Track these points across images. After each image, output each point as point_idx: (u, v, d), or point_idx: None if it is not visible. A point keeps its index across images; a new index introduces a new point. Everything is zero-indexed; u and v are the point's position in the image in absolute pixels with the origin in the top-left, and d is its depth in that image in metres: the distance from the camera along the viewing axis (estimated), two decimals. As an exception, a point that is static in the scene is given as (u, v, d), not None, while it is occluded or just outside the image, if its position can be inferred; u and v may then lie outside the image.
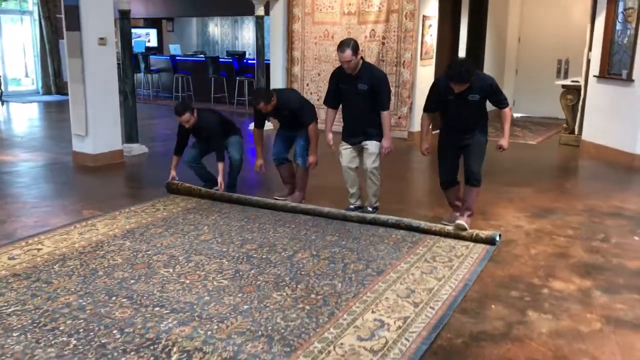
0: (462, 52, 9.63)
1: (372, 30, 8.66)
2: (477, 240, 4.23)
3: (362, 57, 4.70)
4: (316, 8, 9.21)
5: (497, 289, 3.55)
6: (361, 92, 4.66)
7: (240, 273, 3.68)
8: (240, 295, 3.37)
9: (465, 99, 4.32)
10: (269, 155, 5.52)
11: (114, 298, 3.32)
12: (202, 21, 15.80)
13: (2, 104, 12.61)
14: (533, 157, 7.72)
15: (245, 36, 15.04)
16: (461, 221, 4.40)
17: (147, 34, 15.38)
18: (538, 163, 7.37)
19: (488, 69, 10.69)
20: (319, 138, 5.08)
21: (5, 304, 3.22)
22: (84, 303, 3.25)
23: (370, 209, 4.93)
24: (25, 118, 11.20)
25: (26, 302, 3.26)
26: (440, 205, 5.22)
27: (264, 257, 3.96)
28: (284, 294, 3.39)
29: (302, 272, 3.70)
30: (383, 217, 4.66)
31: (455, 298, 3.37)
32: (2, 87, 13.09)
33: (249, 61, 11.99)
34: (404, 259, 3.94)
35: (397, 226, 4.53)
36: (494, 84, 4.43)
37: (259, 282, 3.54)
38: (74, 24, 6.55)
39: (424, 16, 8.36)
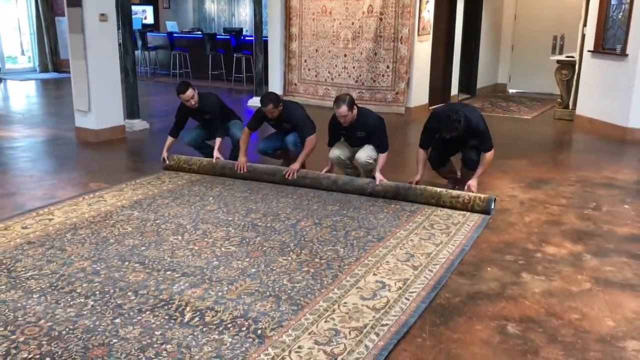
0: (459, 28, 9.71)
1: (370, 5, 8.72)
2: (472, 210, 4.37)
3: (356, 106, 4.86)
4: (314, -16, 9.24)
5: (492, 253, 3.71)
6: (360, 138, 4.94)
7: (247, 240, 3.83)
8: (247, 260, 3.52)
9: (462, 142, 4.68)
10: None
11: (126, 263, 3.47)
12: (199, -2, 15.76)
13: (0, 82, 12.64)
14: (528, 131, 7.87)
15: (242, 13, 15.03)
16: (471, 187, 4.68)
17: (144, 10, 15.33)
18: (533, 137, 7.52)
19: (484, 45, 10.80)
20: (311, 153, 5.15)
21: (23, 269, 3.37)
22: (98, 268, 3.40)
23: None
24: (24, 95, 11.25)
25: (42, 267, 3.41)
26: (431, 176, 5.36)
27: (268, 225, 4.11)
28: (289, 258, 3.55)
29: (306, 239, 3.86)
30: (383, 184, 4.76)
31: (452, 261, 3.54)
32: (0, 65, 13.10)
33: (246, 38, 12.02)
34: (403, 227, 4.10)
35: (396, 196, 4.68)
36: (484, 127, 4.59)
37: (264, 248, 3.70)
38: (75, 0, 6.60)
39: (421, -9, 8.42)
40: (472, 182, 4.67)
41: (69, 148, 6.67)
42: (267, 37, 9.93)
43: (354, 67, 9.08)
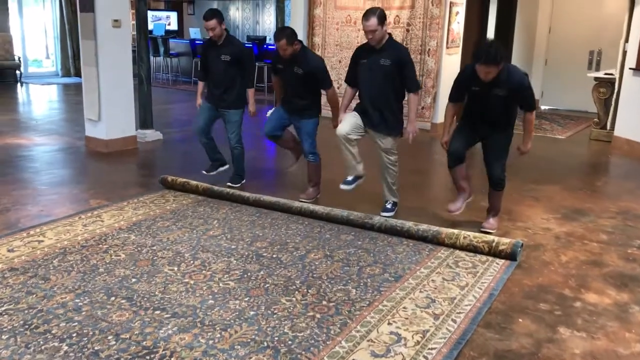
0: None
1: (397, 16, 8.32)
2: (496, 254, 3.79)
3: (389, 34, 4.31)
4: (339, -8, 8.88)
5: (524, 300, 3.27)
6: (383, 67, 4.22)
7: (248, 274, 3.45)
8: (246, 299, 3.14)
9: (490, 93, 3.97)
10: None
11: (112, 298, 3.12)
12: (224, 4, 15.55)
13: (22, 86, 12.55)
14: (561, 152, 7.37)
15: (266, 20, 14.76)
16: (486, 227, 4.23)
17: (168, 17, 15.18)
18: (567, 159, 7.01)
19: (516, 58, 10.30)
20: (338, 108, 4.67)
21: (-2, 302, 3.04)
22: (80, 303, 3.05)
23: (388, 205, 4.59)
24: (43, 100, 11.09)
25: (20, 300, 3.07)
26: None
27: (274, 256, 3.73)
28: (294, 299, 3.16)
29: (314, 275, 3.46)
30: (393, 222, 4.20)
31: (479, 310, 3.10)
32: (22, 69, 13.02)
33: (269, 47, 11.70)
34: (424, 264, 3.68)
35: (409, 235, 4.08)
36: (526, 82, 4.05)
37: (267, 285, 3.31)
38: (88, 4, 6.33)
39: (451, 2, 8.00)
40: (524, 147, 4.26)
41: (77, 159, 6.39)
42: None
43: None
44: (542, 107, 11.14)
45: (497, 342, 2.82)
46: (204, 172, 5.36)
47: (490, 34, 9.22)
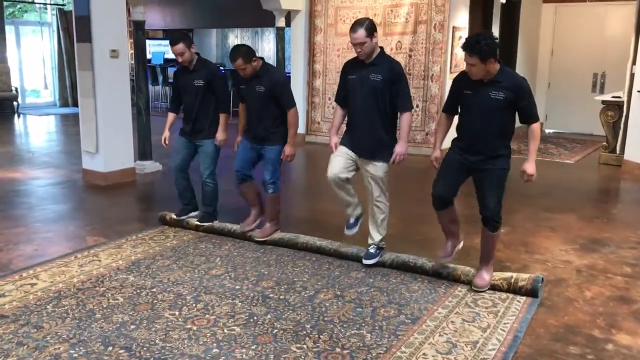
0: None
1: (399, 42, 8.22)
2: (516, 291, 3.58)
3: (381, 48, 3.92)
4: (339, 19, 8.80)
5: (552, 342, 3.05)
6: (373, 83, 3.82)
7: (255, 318, 3.23)
8: (253, 347, 2.92)
9: (486, 97, 3.44)
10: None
11: (110, 348, 2.89)
12: (222, 32, 15.51)
13: (19, 117, 12.42)
14: (572, 177, 7.19)
15: (266, 48, 14.70)
16: (476, 281, 3.64)
17: (166, 45, 15.11)
18: (578, 185, 6.83)
19: (519, 82, 10.19)
20: (297, 130, 4.40)
21: (-14, 355, 2.82)
22: (75, 355, 2.83)
23: (372, 250, 4.05)
24: (40, 131, 10.95)
25: (10, 352, 2.85)
26: (471, 235, 4.74)
27: (281, 297, 3.51)
28: (305, 346, 2.93)
29: (325, 318, 3.24)
30: (406, 258, 3.98)
31: (504, 355, 2.88)
32: (19, 100, 12.91)
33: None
34: (441, 302, 3.46)
35: (423, 272, 3.87)
36: (527, 85, 3.51)
37: (275, 331, 3.09)
38: (85, 35, 6.21)
39: (454, 27, 7.91)
40: (528, 167, 3.55)
41: (74, 193, 6.19)
42: (289, 73, 9.49)
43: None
44: (547, 131, 11.00)
45: (528, 393, 2.59)
46: (174, 216, 4.89)
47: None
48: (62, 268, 3.94)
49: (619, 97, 7.82)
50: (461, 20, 8.11)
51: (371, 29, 3.76)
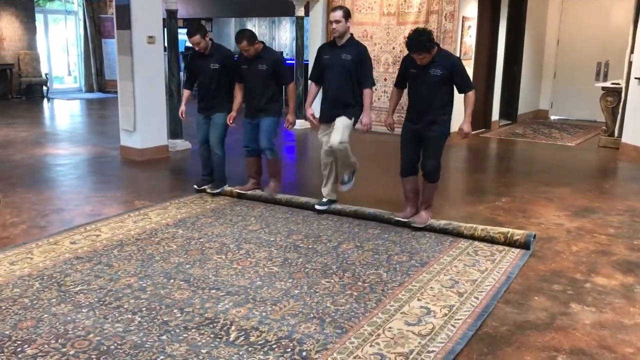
0: (500, 53, 9.65)
1: (412, 30, 8.74)
2: (511, 244, 4.17)
3: (351, 34, 4.75)
4: (355, 9, 9.34)
5: (539, 282, 3.63)
6: (344, 62, 4.62)
7: (289, 261, 3.84)
8: (290, 281, 3.52)
9: (426, 74, 4.28)
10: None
11: (172, 280, 3.51)
12: (241, 22, 16.07)
13: (48, 101, 13.08)
14: (571, 158, 7.72)
15: (282, 37, 15.25)
16: (415, 219, 4.46)
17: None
18: (577, 164, 7.37)
19: (526, 70, 10.70)
20: (295, 103, 5.16)
21: (73, 284, 3.44)
22: (144, 285, 3.45)
23: (345, 177, 4.88)
24: (70, 114, 11.60)
25: (91, 282, 3.47)
26: (475, 203, 5.32)
27: (310, 246, 4.12)
28: (332, 281, 3.54)
29: (348, 262, 3.84)
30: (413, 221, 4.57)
31: (498, 289, 3.47)
32: (48, 85, 13.58)
33: (287, 61, 12.16)
34: (446, 252, 4.05)
35: (431, 229, 4.47)
36: (459, 63, 4.41)
37: (307, 270, 3.70)
38: (125, 22, 6.81)
39: (463, 17, 8.43)
40: (465, 126, 4.37)
41: (114, 166, 6.82)
42: (307, 60, 10.05)
43: (394, 91, 9.08)
44: (552, 117, 11.51)
45: (516, 315, 3.18)
46: (195, 186, 5.52)
47: (501, 46, 9.62)
48: (120, 224, 4.56)
49: (618, 84, 8.33)
50: (470, 10, 8.63)
51: (347, 13, 4.65)
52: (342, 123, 4.68)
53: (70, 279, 3.50)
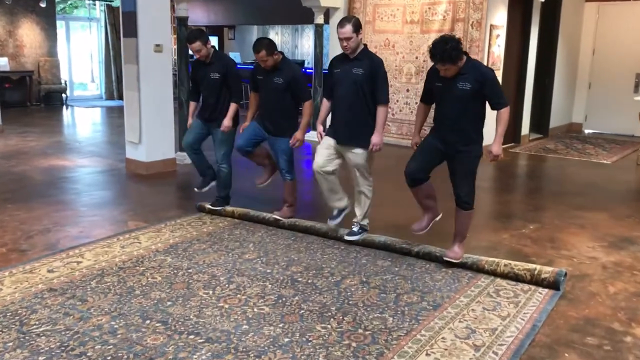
0: (531, 63, 9.09)
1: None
2: (538, 283, 3.66)
3: (365, 45, 4.26)
4: (377, 16, 8.91)
5: (570, 333, 3.12)
6: (355, 76, 4.13)
7: (283, 299, 3.40)
8: (281, 325, 3.09)
9: (454, 88, 3.75)
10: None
11: (147, 322, 3.11)
12: (263, 29, 15.78)
13: (67, 109, 12.94)
14: (607, 178, 7.13)
15: (305, 45, 14.90)
16: (448, 257, 3.90)
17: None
18: (613, 185, 6.78)
19: (559, 81, 10.10)
20: (309, 123, 4.73)
21: (37, 323, 3.06)
22: (116, 326, 3.05)
23: (355, 228, 4.37)
24: (87, 123, 11.40)
25: (58, 321, 3.09)
26: (499, 230, 4.82)
27: (309, 281, 3.68)
28: (329, 326, 3.09)
29: (350, 302, 3.39)
30: (432, 249, 4.10)
31: (522, 342, 2.97)
32: (68, 92, 13.45)
33: (307, 70, 11.79)
34: (463, 292, 3.57)
35: (440, 260, 3.97)
36: (492, 75, 3.83)
37: (302, 311, 3.26)
38: (131, 30, 6.50)
39: (491, 25, 7.92)
40: (495, 148, 3.81)
41: (118, 180, 6.49)
42: (327, 70, 9.63)
43: (416, 103, 8.59)
44: (586, 131, 10.88)
45: (542, 378, 2.69)
46: (196, 189, 5.22)
47: (532, 56, 9.07)
48: (105, 248, 4.19)
49: (659, 97, 7.72)
50: (499, 18, 8.12)
51: (357, 25, 4.09)
52: (360, 159, 4.22)
53: (35, 317, 3.13)
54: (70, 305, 3.28)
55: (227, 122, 4.87)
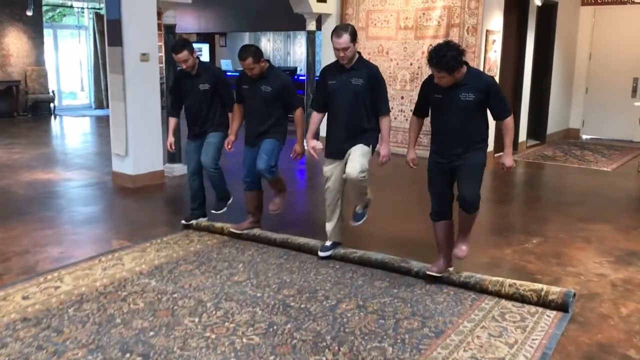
0: (527, 68, 8.91)
1: (431, 45, 8.05)
2: (545, 305, 3.43)
3: (359, 53, 4.06)
4: (370, 22, 8.71)
5: (583, 361, 2.91)
6: (356, 88, 3.94)
7: (275, 327, 3.17)
8: (271, 358, 2.85)
9: (455, 99, 3.53)
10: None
11: (127, 355, 2.87)
12: (255, 36, 15.57)
13: (55, 118, 12.67)
14: (609, 186, 6.94)
15: (297, 51, 14.70)
16: (456, 252, 3.78)
17: (200, 49, 15.24)
18: (615, 194, 6.59)
19: (556, 86, 9.93)
20: (303, 131, 4.50)
21: (6, 359, 2.82)
22: (92, 361, 2.81)
23: (359, 209, 4.27)
24: (75, 133, 11.15)
25: (29, 356, 2.85)
26: (501, 245, 4.61)
27: (302, 306, 3.44)
28: (324, 359, 2.86)
29: (346, 330, 3.16)
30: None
31: (532, 374, 2.76)
32: (56, 102, 13.18)
33: (300, 77, 11.60)
34: (467, 316, 3.35)
35: (449, 282, 3.75)
36: (494, 84, 3.65)
37: (294, 341, 3.02)
38: (116, 39, 6.26)
39: (487, 31, 7.73)
40: (507, 160, 3.67)
41: (103, 195, 6.25)
42: (319, 77, 9.43)
43: (411, 111, 8.40)
44: (584, 137, 10.71)
45: (556, 416, 2.47)
46: (183, 222, 4.93)
47: (528, 61, 8.89)
48: (86, 271, 3.95)
49: (659, 102, 7.54)
50: (495, 23, 7.93)
51: (354, 34, 3.92)
52: (360, 150, 3.98)
53: (5, 352, 2.88)
54: (44, 337, 3.04)
55: (232, 136, 4.71)
